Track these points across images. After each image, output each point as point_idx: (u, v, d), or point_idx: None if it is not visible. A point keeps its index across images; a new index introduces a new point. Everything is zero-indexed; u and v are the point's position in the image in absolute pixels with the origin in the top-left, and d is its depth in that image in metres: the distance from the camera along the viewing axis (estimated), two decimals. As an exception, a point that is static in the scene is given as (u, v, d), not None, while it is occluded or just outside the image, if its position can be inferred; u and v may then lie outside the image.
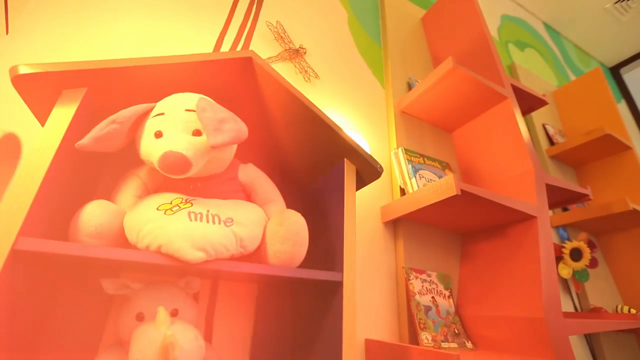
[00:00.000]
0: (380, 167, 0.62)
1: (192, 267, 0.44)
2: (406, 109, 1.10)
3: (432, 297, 0.85)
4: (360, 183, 0.68)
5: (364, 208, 0.93)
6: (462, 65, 1.20)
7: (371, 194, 0.96)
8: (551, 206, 1.12)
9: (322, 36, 1.13)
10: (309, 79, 0.99)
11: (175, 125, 0.47)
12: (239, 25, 0.98)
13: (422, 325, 0.78)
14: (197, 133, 0.48)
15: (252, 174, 0.61)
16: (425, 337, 0.76)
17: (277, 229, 0.51)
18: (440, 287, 0.89)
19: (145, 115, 0.50)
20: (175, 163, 0.44)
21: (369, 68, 1.18)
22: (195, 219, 0.46)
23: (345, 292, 0.53)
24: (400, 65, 1.22)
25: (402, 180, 0.95)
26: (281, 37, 1.01)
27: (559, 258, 1.22)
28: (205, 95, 0.58)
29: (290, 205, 0.80)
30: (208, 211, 0.48)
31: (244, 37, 0.96)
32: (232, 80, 0.63)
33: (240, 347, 0.66)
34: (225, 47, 0.92)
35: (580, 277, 1.21)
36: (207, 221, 0.47)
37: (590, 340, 1.19)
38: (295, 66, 0.99)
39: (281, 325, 0.69)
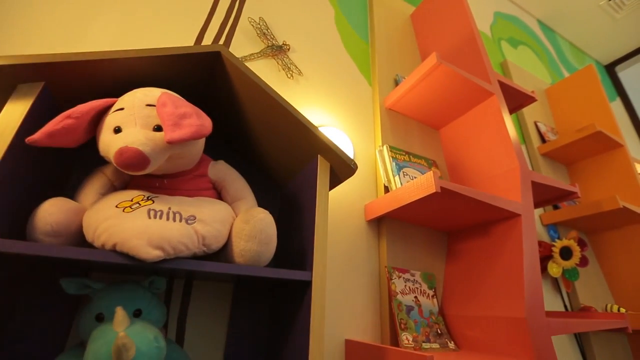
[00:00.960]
0: (354, 164, 0.60)
1: (150, 266, 0.42)
2: (392, 106, 1.09)
3: (415, 297, 0.84)
4: (337, 180, 0.66)
5: (348, 206, 0.92)
6: (450, 61, 1.19)
7: (355, 192, 0.95)
8: (540, 204, 1.11)
9: (308, 33, 1.11)
10: (292, 76, 0.98)
11: (134, 121, 0.46)
12: (220, 21, 0.96)
13: (402, 326, 0.76)
14: (158, 129, 0.47)
15: (222, 171, 0.60)
16: (406, 337, 0.74)
17: (242, 227, 0.50)
18: (424, 287, 0.87)
19: (107, 110, 0.49)
20: (131, 159, 0.42)
21: (356, 65, 1.17)
22: (155, 217, 0.45)
23: (314, 292, 0.51)
24: (388, 63, 1.21)
25: (386, 178, 0.94)
26: (264, 34, 0.99)
27: (548, 257, 1.21)
28: (173, 90, 0.57)
29: (268, 203, 0.79)
30: (169, 209, 0.47)
31: (225, 34, 0.95)
32: (202, 75, 0.61)
33: (214, 347, 0.64)
34: (206, 43, 0.90)
35: (570, 276, 1.19)
36: (168, 219, 0.45)
37: (580, 339, 1.18)
38: (277, 63, 0.98)
39: (257, 326, 0.68)
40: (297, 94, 0.98)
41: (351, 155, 0.95)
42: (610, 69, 2.51)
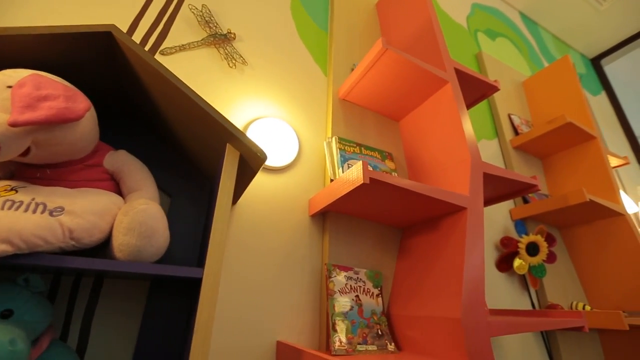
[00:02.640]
0: (262, 153, 0.56)
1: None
2: (346, 96, 1.04)
3: (356, 296, 0.79)
4: (252, 172, 0.62)
5: (291, 200, 0.87)
6: (411, 51, 1.15)
7: (300, 185, 0.90)
8: (502, 198, 1.06)
9: (259, 22, 1.07)
10: (234, 65, 0.94)
11: (-10, 103, 0.42)
12: (159, 8, 0.92)
13: (336, 327, 0.72)
14: (21, 112, 0.43)
15: (120, 161, 0.55)
16: (339, 339, 0.70)
17: (121, 219, 0.46)
18: (369, 285, 0.83)
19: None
20: (-27, 144, 0.38)
21: (311, 55, 1.12)
22: (10, 208, 0.40)
23: (203, 290, 0.47)
24: (346, 52, 1.16)
25: (332, 170, 0.89)
26: (206, 22, 0.95)
27: (515, 253, 1.16)
28: (64, 74, 0.53)
29: (199, 196, 0.75)
30: (33, 199, 0.43)
31: (163, 21, 0.91)
32: (102, 59, 0.57)
33: (123, 348, 0.60)
34: (140, 32, 0.86)
35: (536, 272, 1.14)
36: (26, 210, 0.41)
37: (547, 338, 1.13)
38: (220, 52, 0.94)
39: (172, 326, 0.63)
40: (240, 84, 0.93)
41: (296, 147, 0.90)
42: (596, 63, 2.46)
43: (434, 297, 0.72)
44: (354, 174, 0.68)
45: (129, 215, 0.45)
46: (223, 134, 0.56)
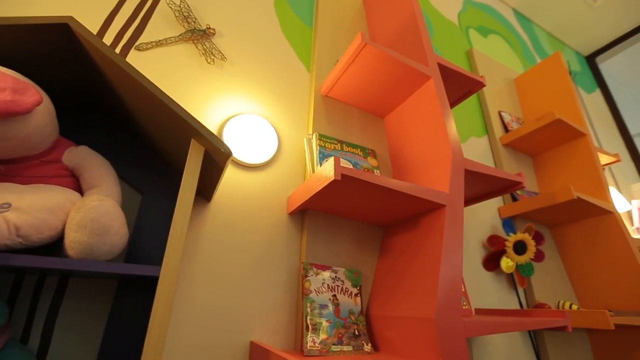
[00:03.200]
0: (227, 148, 0.55)
1: None
2: (328, 92, 1.02)
3: (334, 296, 0.78)
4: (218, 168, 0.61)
5: (270, 197, 0.86)
6: (396, 46, 1.13)
7: (280, 183, 0.89)
8: (487, 196, 1.04)
9: (240, 18, 1.05)
10: (212, 61, 0.92)
11: None
12: (136, 3, 0.91)
13: (311, 327, 0.70)
14: (-35, 105, 0.41)
15: (80, 157, 0.54)
16: (312, 339, 0.68)
17: (73, 216, 0.44)
18: (347, 285, 0.81)
19: None
20: None
21: (295, 51, 1.11)
22: (-48, 204, 0.39)
23: (160, 288, 0.45)
24: (331, 48, 1.15)
25: (311, 168, 0.88)
26: (184, 17, 0.93)
27: (502, 252, 1.15)
28: (16, 66, 0.52)
29: (168, 193, 0.73)
30: (-22, 195, 0.41)
31: (140, 17, 0.89)
32: (64, 52, 0.56)
33: (88, 348, 0.59)
34: (116, 26, 0.85)
35: (523, 271, 1.13)
36: (-31, 207, 0.40)
37: (535, 338, 1.12)
38: (198, 48, 0.92)
39: (138, 327, 0.62)
40: (219, 80, 0.92)
41: (275, 145, 0.89)
42: (591, 60, 2.43)
43: (410, 297, 0.71)
44: (327, 170, 0.66)
45: (80, 212, 0.44)
46: (187, 129, 0.55)
